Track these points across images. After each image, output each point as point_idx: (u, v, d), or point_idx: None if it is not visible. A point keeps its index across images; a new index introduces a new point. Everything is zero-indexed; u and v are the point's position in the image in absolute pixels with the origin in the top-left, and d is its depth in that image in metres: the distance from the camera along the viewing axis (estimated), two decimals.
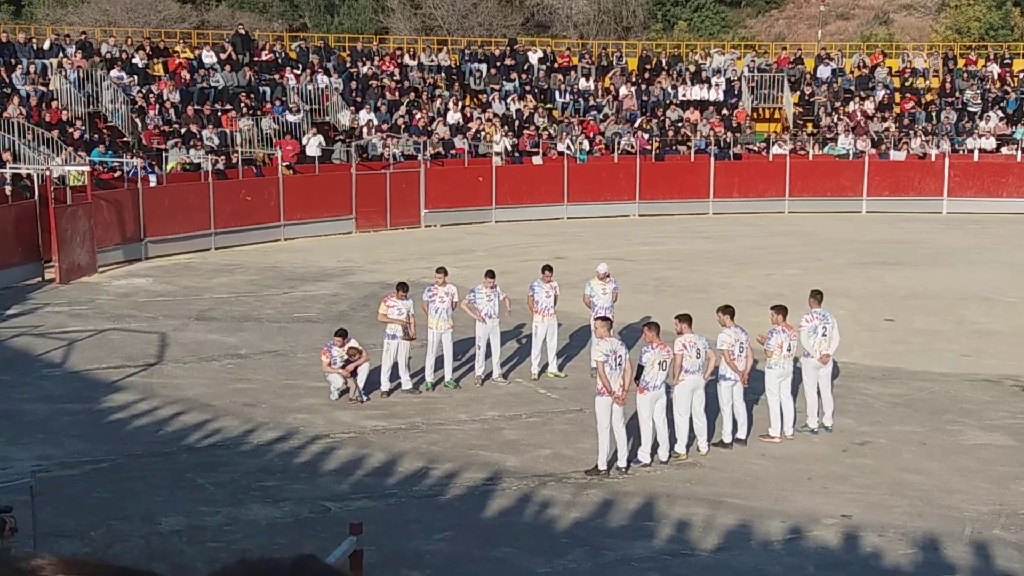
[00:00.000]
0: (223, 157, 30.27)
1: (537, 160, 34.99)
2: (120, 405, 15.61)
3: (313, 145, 32.09)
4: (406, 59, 38.42)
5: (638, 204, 35.30)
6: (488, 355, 16.95)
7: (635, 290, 22.00)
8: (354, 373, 15.84)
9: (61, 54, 32.28)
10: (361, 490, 12.63)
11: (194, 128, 30.90)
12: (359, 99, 35.44)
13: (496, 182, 33.92)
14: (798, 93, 39.72)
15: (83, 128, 29.27)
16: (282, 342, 19.07)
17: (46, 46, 32.91)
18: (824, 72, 40.47)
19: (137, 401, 15.78)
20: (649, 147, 35.82)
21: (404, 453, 13.77)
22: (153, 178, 28.02)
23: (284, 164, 30.94)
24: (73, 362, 17.79)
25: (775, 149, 36.64)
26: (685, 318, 13.87)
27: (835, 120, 37.95)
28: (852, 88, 39.96)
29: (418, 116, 34.95)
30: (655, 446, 13.55)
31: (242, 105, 32.79)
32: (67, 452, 13.62)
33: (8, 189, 25.08)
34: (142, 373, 17.17)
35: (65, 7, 50.65)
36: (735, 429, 14.28)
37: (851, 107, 38.78)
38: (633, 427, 13.61)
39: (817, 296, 15.04)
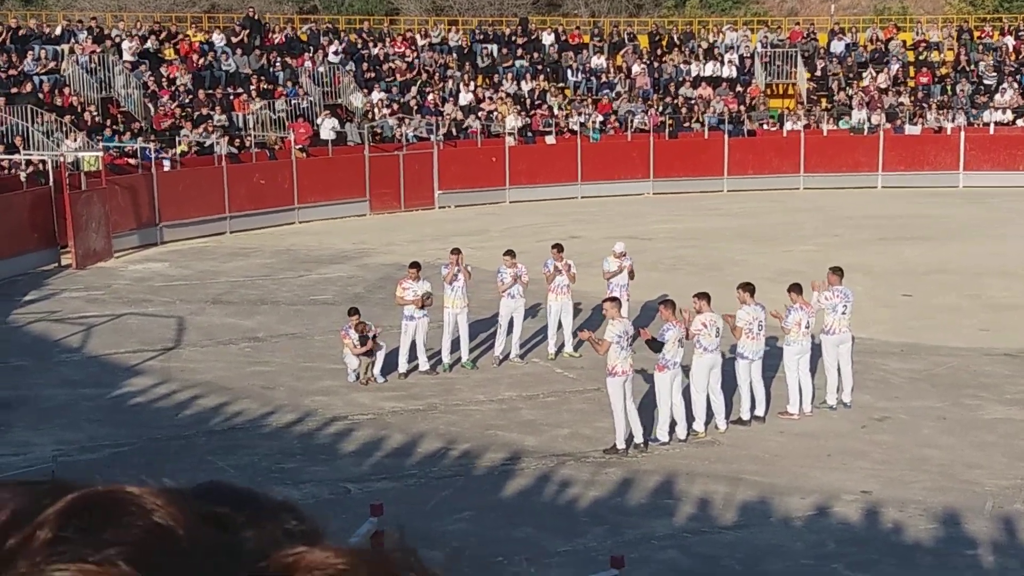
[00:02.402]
0: (236, 140, 30.24)
1: (550, 139, 34.88)
2: (139, 389, 15.67)
3: (327, 128, 32.03)
4: (417, 39, 38.31)
5: (652, 182, 35.17)
6: (509, 332, 16.93)
7: (650, 268, 21.95)
8: (368, 353, 15.85)
9: (73, 40, 32.28)
10: (381, 471, 12.66)
11: (206, 112, 30.88)
12: (371, 77, 35.35)
13: (509, 162, 33.85)
14: (812, 68, 39.48)
15: (96, 113, 29.28)
16: (299, 325, 19.10)
17: (57, 32, 32.91)
18: (838, 47, 40.20)
19: (155, 385, 15.84)
20: (662, 125, 35.69)
21: (423, 434, 13.80)
22: (167, 163, 28.06)
23: (297, 147, 30.92)
24: (91, 347, 17.85)
25: (789, 125, 36.44)
26: (704, 296, 13.83)
27: (849, 95, 37.71)
28: (866, 62, 39.68)
29: (430, 97, 34.87)
30: (673, 424, 13.55)
31: (253, 88, 32.76)
32: (87, 437, 13.69)
33: (23, 175, 25.12)
34: (160, 357, 17.22)
35: None
36: (753, 406, 14.25)
37: (865, 81, 38.53)
38: (650, 405, 13.60)
39: (838, 272, 14.91)
